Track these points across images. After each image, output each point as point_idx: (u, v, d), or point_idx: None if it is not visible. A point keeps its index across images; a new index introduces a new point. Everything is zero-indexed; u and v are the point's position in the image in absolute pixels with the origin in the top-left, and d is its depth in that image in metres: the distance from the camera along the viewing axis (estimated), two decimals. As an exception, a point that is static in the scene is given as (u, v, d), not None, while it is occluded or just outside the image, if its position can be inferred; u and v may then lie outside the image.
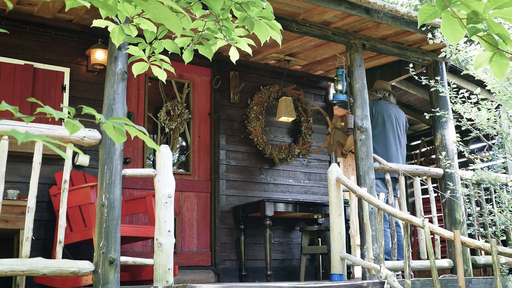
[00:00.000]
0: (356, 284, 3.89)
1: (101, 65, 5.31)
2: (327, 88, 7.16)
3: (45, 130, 3.35)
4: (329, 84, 7.13)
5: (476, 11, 1.27)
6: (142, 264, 3.59)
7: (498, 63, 1.35)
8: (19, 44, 5.16)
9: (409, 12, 4.86)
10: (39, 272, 3.13)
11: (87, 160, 5.09)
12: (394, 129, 5.58)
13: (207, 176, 6.07)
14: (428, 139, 8.13)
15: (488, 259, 5.13)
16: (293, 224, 6.48)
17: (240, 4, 1.68)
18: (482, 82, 4.71)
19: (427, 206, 6.13)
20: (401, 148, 5.64)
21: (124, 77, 3.64)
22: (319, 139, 6.93)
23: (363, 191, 4.37)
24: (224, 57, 6.15)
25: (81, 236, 4.27)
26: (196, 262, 5.77)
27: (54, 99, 5.16)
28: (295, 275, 6.18)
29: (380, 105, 5.65)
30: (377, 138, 5.46)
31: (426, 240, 3.75)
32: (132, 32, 1.84)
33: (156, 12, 1.38)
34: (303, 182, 6.67)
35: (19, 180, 4.80)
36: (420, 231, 5.10)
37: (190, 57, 1.97)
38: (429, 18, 1.38)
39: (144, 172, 3.73)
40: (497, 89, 3.88)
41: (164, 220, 3.52)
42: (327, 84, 7.14)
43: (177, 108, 6.00)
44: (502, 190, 4.25)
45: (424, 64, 5.64)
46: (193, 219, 5.90)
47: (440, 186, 5.33)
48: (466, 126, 4.02)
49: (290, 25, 4.84)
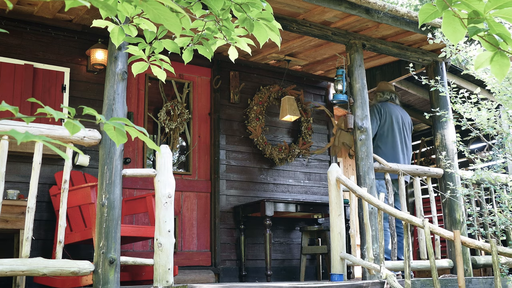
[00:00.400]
0: (356, 284, 3.89)
1: (101, 65, 5.31)
2: (327, 88, 7.16)
3: (45, 130, 3.35)
4: (329, 84, 7.13)
5: (477, 11, 1.27)
6: (142, 264, 3.59)
7: (499, 63, 1.35)
8: (19, 44, 5.16)
9: (409, 12, 4.86)
10: (39, 272, 3.13)
11: (87, 160, 5.09)
12: (400, 131, 5.63)
13: (207, 176, 6.06)
14: (428, 139, 8.13)
15: (488, 259, 5.13)
16: (293, 224, 6.48)
17: (240, 5, 1.68)
18: (482, 82, 4.71)
19: (427, 206, 6.12)
20: (407, 149, 5.67)
21: (124, 77, 3.64)
22: (319, 139, 6.92)
23: (363, 191, 4.37)
24: (224, 57, 6.15)
25: (81, 236, 4.27)
26: (196, 262, 5.77)
27: (54, 99, 5.15)
28: (295, 275, 6.18)
29: (388, 106, 5.69)
30: (384, 139, 5.50)
31: (426, 240, 3.75)
32: (132, 32, 1.84)
33: (156, 13, 1.38)
34: (303, 182, 6.67)
35: (19, 180, 4.80)
36: (420, 231, 5.10)
37: (190, 57, 1.97)
38: (430, 18, 1.37)
39: (144, 172, 3.72)
40: (497, 89, 3.88)
41: (164, 220, 3.52)
42: (327, 84, 7.14)
43: (177, 108, 6.00)
44: (502, 190, 4.25)
45: (424, 64, 5.64)
46: (193, 219, 5.90)
47: (440, 186, 5.33)
48: (466, 126, 4.02)
49: (290, 25, 4.84)
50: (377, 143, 5.54)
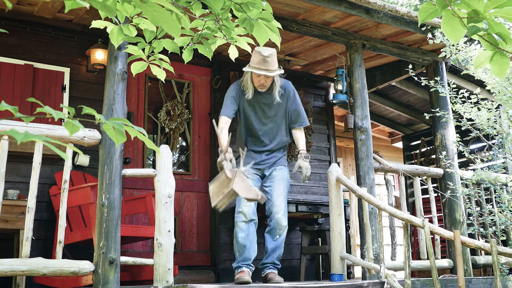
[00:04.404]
0: (356, 284, 3.89)
1: (101, 65, 5.31)
2: (327, 88, 7.16)
3: (45, 130, 3.35)
4: (329, 84, 7.13)
5: (477, 10, 1.27)
6: (142, 264, 3.59)
7: (499, 62, 1.35)
8: (19, 44, 5.16)
9: (409, 12, 4.86)
10: (39, 272, 3.13)
11: (87, 160, 5.08)
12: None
13: (207, 176, 6.06)
14: (428, 139, 8.12)
15: (488, 259, 5.13)
16: (293, 224, 6.47)
17: (240, 5, 1.68)
18: (482, 82, 4.71)
19: (427, 206, 6.12)
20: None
21: (124, 77, 3.64)
22: (319, 139, 6.92)
23: (363, 191, 4.37)
24: (224, 57, 6.15)
25: (81, 236, 4.27)
26: (196, 262, 5.77)
27: (54, 99, 5.15)
28: (295, 275, 6.17)
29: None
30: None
31: (426, 240, 3.75)
32: (131, 32, 1.84)
33: (154, 14, 1.38)
34: (303, 182, 6.66)
35: (19, 180, 4.80)
36: (420, 231, 5.10)
37: (189, 56, 1.96)
38: (430, 17, 1.37)
39: (144, 172, 3.72)
40: (497, 89, 3.88)
41: (164, 220, 3.52)
42: (327, 84, 7.14)
43: (177, 108, 6.00)
44: (502, 190, 4.25)
45: (424, 64, 5.64)
46: (193, 219, 5.90)
47: (440, 186, 5.33)
48: (466, 126, 4.02)
49: (290, 25, 4.84)
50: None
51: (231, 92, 4.29)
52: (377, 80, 6.69)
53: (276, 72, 4.13)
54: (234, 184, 3.25)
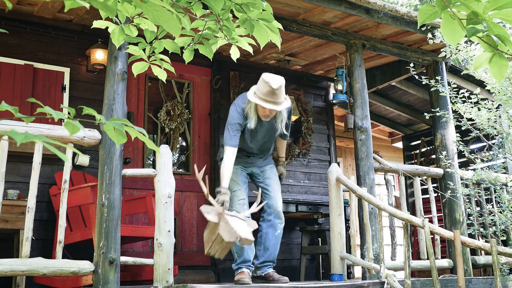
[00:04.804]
0: (356, 284, 3.89)
1: (101, 65, 5.31)
2: (327, 88, 7.16)
3: (45, 130, 3.35)
4: (329, 84, 7.13)
5: (476, 11, 1.27)
6: (142, 264, 3.60)
7: (498, 64, 1.35)
8: (19, 44, 5.16)
9: (409, 12, 4.86)
10: (39, 272, 3.13)
11: (87, 160, 5.09)
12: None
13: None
14: (428, 139, 8.13)
15: (488, 259, 5.13)
16: (293, 224, 6.47)
17: (240, 5, 1.68)
18: (482, 82, 4.71)
19: (427, 206, 6.13)
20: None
21: (124, 77, 3.64)
22: (319, 139, 6.92)
23: (363, 191, 4.37)
24: (224, 57, 6.15)
25: (81, 236, 4.27)
26: (196, 262, 5.77)
27: (54, 99, 5.16)
28: (295, 275, 6.17)
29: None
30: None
31: (426, 240, 3.75)
32: (132, 32, 1.84)
33: (155, 14, 1.38)
34: (303, 182, 6.67)
35: (19, 180, 4.80)
36: (420, 231, 5.10)
37: (190, 56, 1.97)
38: (429, 18, 1.38)
39: (144, 172, 3.73)
40: (497, 89, 3.88)
41: (164, 220, 3.52)
42: (327, 84, 7.14)
43: (177, 108, 6.00)
44: (502, 190, 4.26)
45: (424, 64, 5.64)
46: (193, 219, 5.90)
47: (440, 186, 5.33)
48: (466, 126, 4.02)
49: (290, 25, 4.84)
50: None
51: (236, 119, 4.09)
52: (377, 80, 6.69)
53: (283, 105, 4.00)
54: (219, 229, 3.38)
